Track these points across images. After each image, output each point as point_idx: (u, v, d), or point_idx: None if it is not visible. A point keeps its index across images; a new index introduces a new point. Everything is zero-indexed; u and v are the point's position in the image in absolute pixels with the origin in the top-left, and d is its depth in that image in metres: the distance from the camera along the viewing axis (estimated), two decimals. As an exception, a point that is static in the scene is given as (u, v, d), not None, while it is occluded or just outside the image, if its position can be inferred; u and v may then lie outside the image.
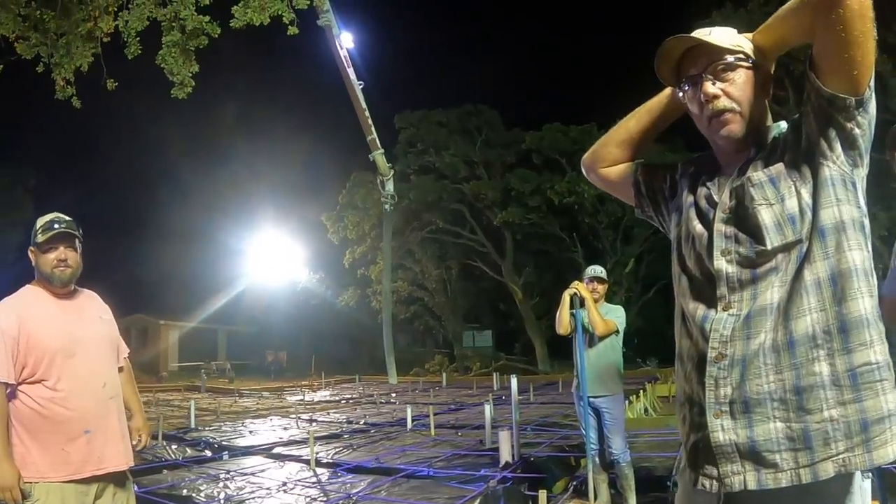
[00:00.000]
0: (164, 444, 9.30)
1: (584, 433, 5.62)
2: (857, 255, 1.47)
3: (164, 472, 7.54)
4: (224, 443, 9.71)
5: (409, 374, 32.99)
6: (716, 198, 1.67)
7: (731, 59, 1.61)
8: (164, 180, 47.45)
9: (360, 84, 22.02)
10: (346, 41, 20.03)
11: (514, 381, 8.35)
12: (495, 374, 24.48)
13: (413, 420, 11.42)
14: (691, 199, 1.75)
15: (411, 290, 38.05)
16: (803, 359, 1.45)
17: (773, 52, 1.66)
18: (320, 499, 6.05)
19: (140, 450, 3.44)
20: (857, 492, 1.45)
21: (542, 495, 4.36)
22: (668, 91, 1.89)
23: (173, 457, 8.39)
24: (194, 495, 6.10)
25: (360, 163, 31.81)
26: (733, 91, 1.61)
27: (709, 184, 1.71)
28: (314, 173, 42.46)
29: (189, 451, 8.92)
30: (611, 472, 5.58)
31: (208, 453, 8.94)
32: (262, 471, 7.60)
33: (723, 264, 1.58)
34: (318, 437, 9.63)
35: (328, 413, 15.35)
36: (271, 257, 39.76)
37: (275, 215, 40.12)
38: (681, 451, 1.69)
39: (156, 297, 40.79)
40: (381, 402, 17.92)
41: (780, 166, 1.56)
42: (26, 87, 14.42)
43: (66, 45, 10.29)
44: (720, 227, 1.62)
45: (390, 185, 27.68)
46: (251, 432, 11.41)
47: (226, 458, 8.58)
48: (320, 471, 7.46)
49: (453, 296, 39.52)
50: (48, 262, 2.99)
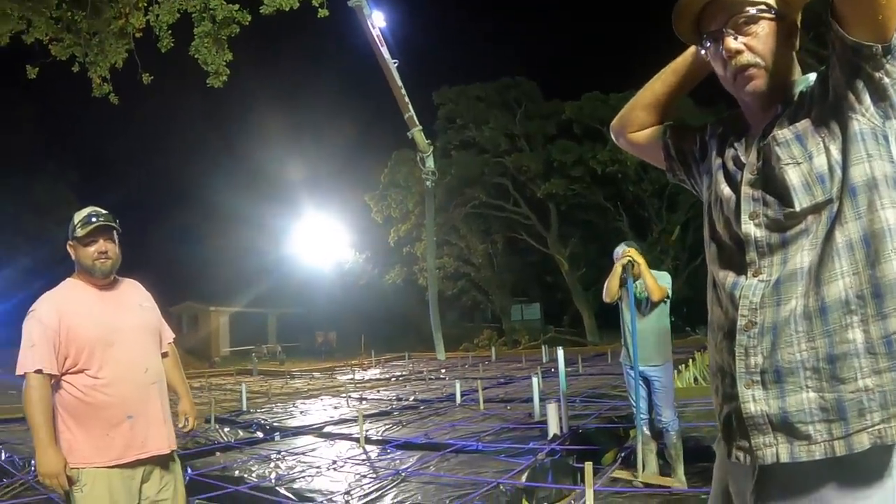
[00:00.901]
0: (217, 427, 9.47)
1: (634, 403, 5.58)
2: (892, 213, 1.38)
3: (217, 454, 7.67)
4: (275, 424, 9.85)
5: (458, 349, 33.13)
6: (743, 159, 1.60)
7: (752, 11, 1.53)
8: (206, 168, 48.05)
9: (395, 62, 21.99)
10: (377, 20, 19.98)
11: (560, 352, 8.31)
12: (544, 347, 24.44)
13: (462, 395, 11.44)
14: (719, 161, 1.69)
15: (457, 265, 38.07)
16: (836, 325, 1.38)
17: (797, 0, 1.57)
18: (370, 475, 6.09)
19: (188, 432, 3.49)
20: None
21: (587, 467, 4.31)
22: (692, 49, 1.82)
23: (225, 439, 8.54)
24: (246, 476, 6.20)
25: (400, 141, 31.85)
26: (756, 45, 1.53)
27: (736, 144, 1.64)
28: (355, 154, 42.81)
29: (241, 434, 9.06)
30: (659, 442, 5.54)
31: (260, 434, 9.07)
32: (313, 450, 7.69)
33: (751, 228, 1.52)
34: (367, 415, 9.72)
35: (378, 391, 15.48)
36: (317, 239, 40.20)
37: (318, 197, 40.55)
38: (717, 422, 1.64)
39: (204, 283, 41.51)
40: (431, 379, 18.00)
41: (808, 122, 1.48)
42: (64, 86, 14.67)
43: (99, 43, 10.44)
44: (747, 189, 1.56)
45: (430, 162, 27.70)
46: (302, 413, 11.56)
47: (277, 438, 8.70)
48: (370, 448, 7.52)
49: (499, 270, 39.45)
50: (88, 254, 3.05)
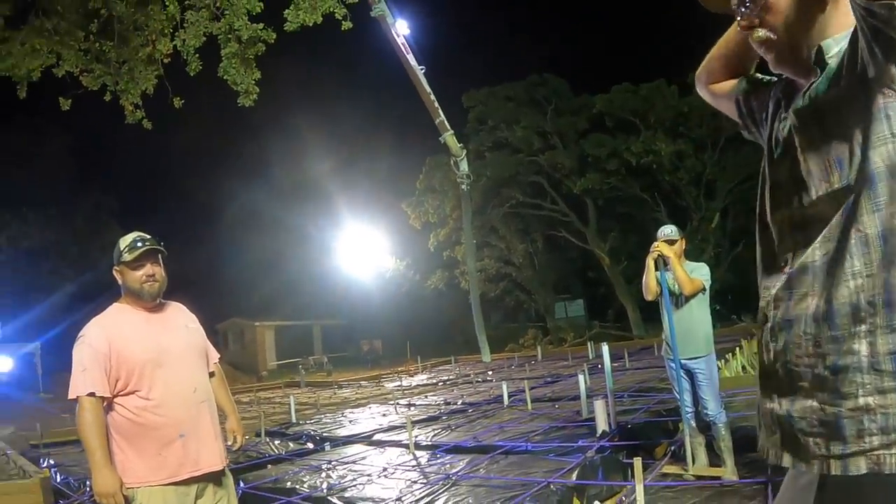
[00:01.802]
0: (267, 440, 9.61)
1: (679, 397, 5.54)
2: None
3: (268, 466, 7.78)
4: (325, 434, 9.95)
5: (504, 350, 33.05)
6: (778, 135, 1.47)
7: None
8: (243, 185, 48.78)
9: (422, 69, 22.03)
10: (401, 28, 20.07)
11: (605, 348, 8.30)
12: (590, 343, 24.26)
13: (509, 396, 11.43)
14: (769, 130, 1.55)
15: (498, 266, 37.95)
16: (843, 332, 1.24)
17: None
18: (420, 481, 6.14)
19: (237, 449, 3.58)
20: None
21: (637, 463, 4.30)
22: None
23: (276, 452, 8.66)
24: (298, 487, 6.29)
25: (434, 146, 31.91)
26: (770, 18, 1.40)
27: (784, 114, 1.49)
28: (391, 162, 42.87)
29: (291, 445, 9.18)
30: (708, 434, 5.48)
31: (310, 445, 9.17)
32: (363, 458, 7.77)
33: (776, 216, 1.43)
34: (416, 421, 9.78)
35: (426, 396, 15.54)
36: (357, 249, 40.45)
37: (356, 207, 40.81)
38: None
39: (247, 299, 42.15)
40: (478, 381, 17.99)
41: (833, 95, 1.32)
42: (98, 115, 15.01)
43: (128, 71, 10.68)
44: (771, 172, 1.47)
45: (464, 165, 27.58)
46: (351, 422, 11.66)
47: (327, 448, 8.80)
48: (419, 454, 7.57)
49: (541, 268, 39.23)
50: (137, 279, 3.14)
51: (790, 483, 1.47)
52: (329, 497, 5.82)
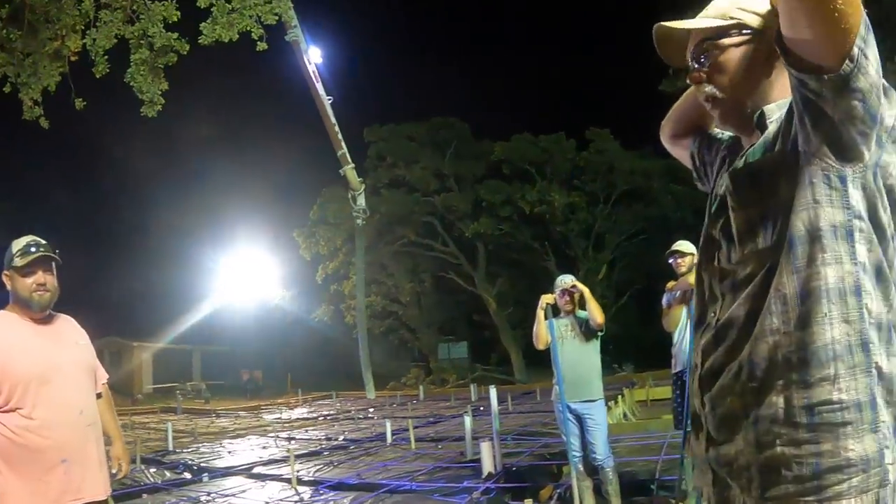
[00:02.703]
0: (143, 467, 9.16)
1: (566, 440, 5.63)
2: (833, 271, 1.25)
3: (144, 496, 7.42)
4: (203, 464, 9.59)
5: (386, 388, 32.82)
6: (717, 191, 1.51)
7: (719, 37, 1.42)
8: (134, 200, 47.00)
9: (330, 99, 22.01)
10: (314, 56, 20.05)
11: (493, 390, 8.37)
12: (472, 386, 24.43)
13: (392, 434, 11.35)
14: (711, 187, 1.59)
15: (385, 304, 37.88)
16: (762, 385, 1.30)
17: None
18: (303, 518, 5.98)
19: (120, 478, 3.38)
20: None
21: (527, 505, 4.34)
22: None
23: (152, 480, 8.26)
24: (175, 520, 6.01)
25: (331, 178, 31.69)
26: (717, 77, 1.44)
27: (724, 172, 1.52)
28: (285, 190, 42.32)
29: (168, 474, 8.80)
30: (595, 478, 5.60)
31: (188, 475, 8.81)
32: (244, 491, 7.51)
33: (708, 269, 1.48)
34: (297, 456, 9.53)
35: (306, 430, 15.22)
36: (244, 275, 39.46)
37: (246, 233, 39.86)
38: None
39: (128, 318, 40.17)
40: (360, 418, 17.81)
41: (766, 159, 1.36)
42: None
43: (32, 64, 10.08)
44: (707, 227, 1.51)
45: (362, 200, 27.61)
46: (230, 453, 11.27)
47: (206, 479, 8.46)
48: (302, 489, 7.38)
49: (427, 308, 39.40)
50: (26, 286, 2.94)
51: None
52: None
